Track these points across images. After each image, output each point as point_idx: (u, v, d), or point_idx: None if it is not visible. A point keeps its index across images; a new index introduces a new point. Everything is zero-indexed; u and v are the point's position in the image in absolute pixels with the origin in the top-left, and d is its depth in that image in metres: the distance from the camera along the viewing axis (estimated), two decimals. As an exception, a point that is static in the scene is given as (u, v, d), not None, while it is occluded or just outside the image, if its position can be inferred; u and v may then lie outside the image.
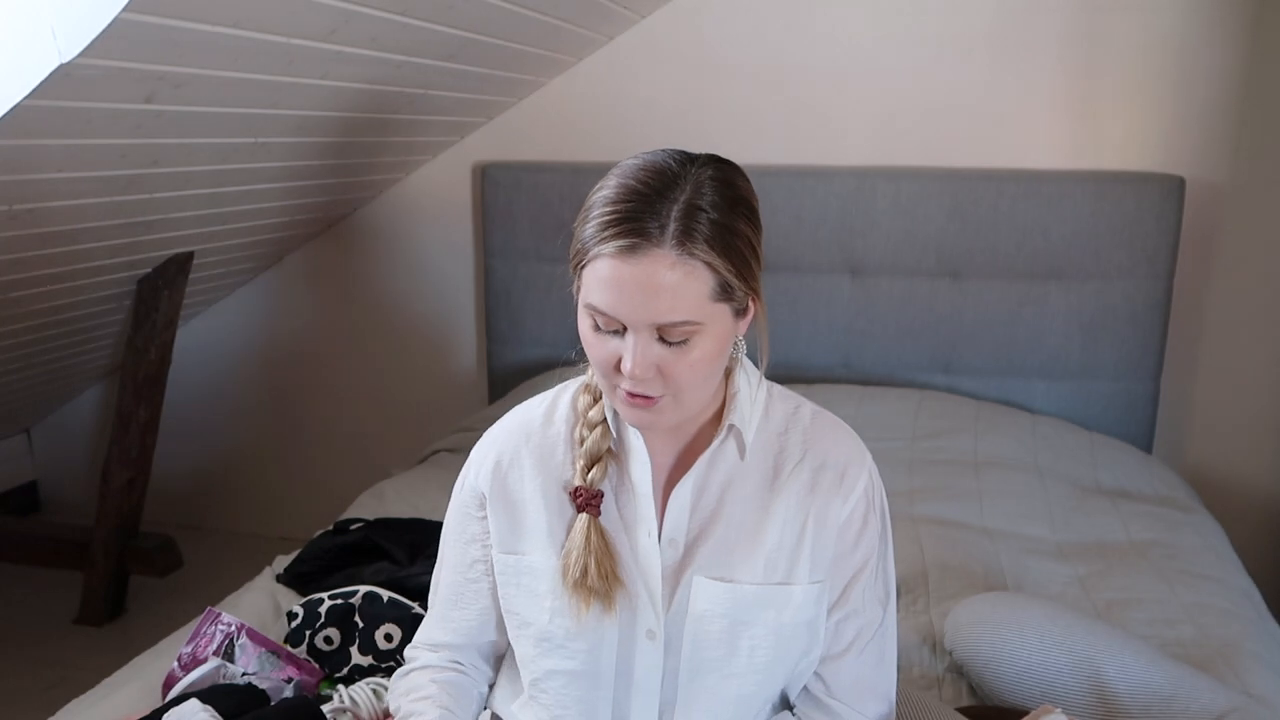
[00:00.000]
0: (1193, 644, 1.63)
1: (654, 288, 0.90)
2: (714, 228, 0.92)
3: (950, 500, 2.11)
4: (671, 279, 0.90)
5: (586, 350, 0.98)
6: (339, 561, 1.89)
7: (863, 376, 2.64)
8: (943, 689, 1.54)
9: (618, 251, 0.91)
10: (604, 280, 0.92)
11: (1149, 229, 2.45)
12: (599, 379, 1.01)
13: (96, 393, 3.36)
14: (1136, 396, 2.55)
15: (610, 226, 0.92)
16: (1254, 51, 2.45)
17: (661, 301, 0.91)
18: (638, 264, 0.90)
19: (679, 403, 0.97)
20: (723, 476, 1.05)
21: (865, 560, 1.06)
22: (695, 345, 0.94)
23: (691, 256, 0.90)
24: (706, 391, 1.01)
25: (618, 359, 0.94)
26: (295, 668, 1.52)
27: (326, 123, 2.33)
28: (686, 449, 1.06)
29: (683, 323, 0.92)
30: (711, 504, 1.04)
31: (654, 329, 0.92)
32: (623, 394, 0.97)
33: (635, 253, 0.90)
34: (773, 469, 1.05)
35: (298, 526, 2.75)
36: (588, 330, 0.97)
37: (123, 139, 1.86)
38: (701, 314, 0.92)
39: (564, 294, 1.02)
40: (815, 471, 1.04)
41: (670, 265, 0.90)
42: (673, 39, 2.72)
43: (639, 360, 0.93)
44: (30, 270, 2.19)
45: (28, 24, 1.44)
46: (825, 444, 1.06)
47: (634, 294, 0.91)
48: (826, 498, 1.04)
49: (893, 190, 2.56)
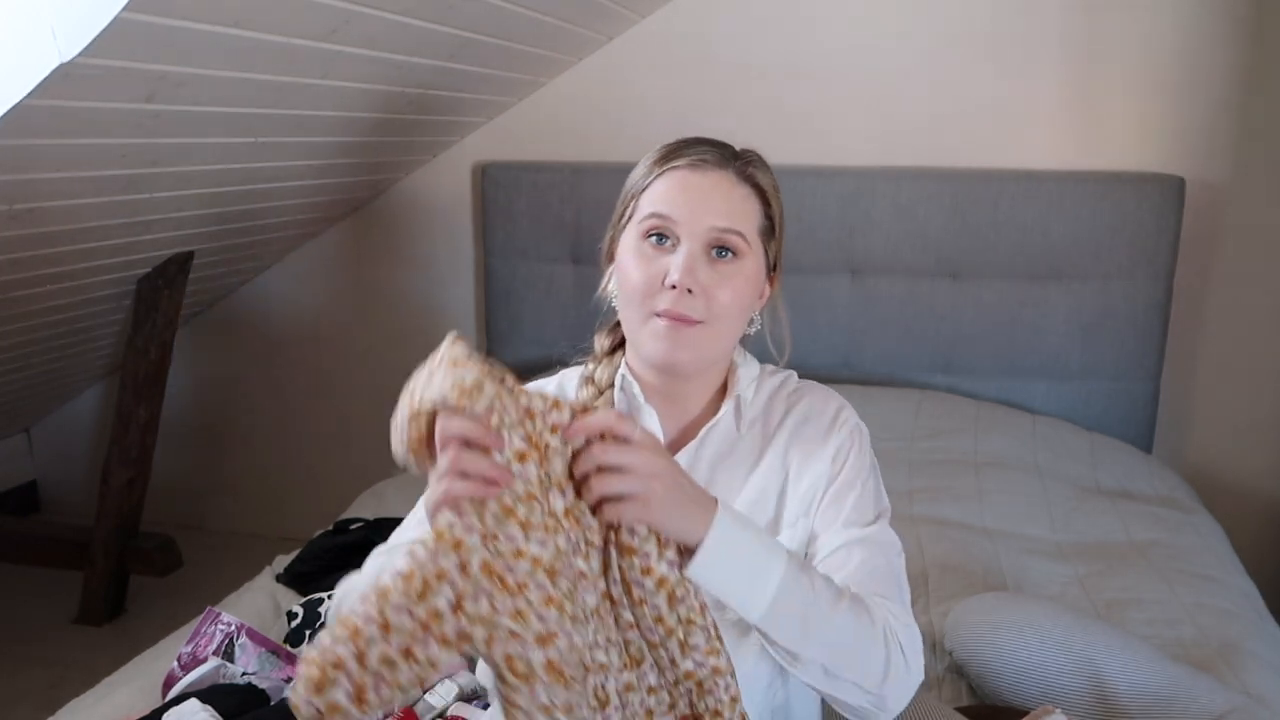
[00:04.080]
0: (1193, 644, 1.63)
1: (719, 194, 1.01)
2: (769, 179, 1.06)
3: (950, 500, 2.11)
4: (734, 194, 1.02)
5: (626, 282, 1.02)
6: (339, 561, 1.89)
7: (863, 376, 2.63)
8: (943, 689, 1.54)
9: (689, 164, 1.02)
10: (670, 188, 1.01)
11: (1149, 229, 2.45)
12: (632, 313, 1.02)
13: (96, 393, 3.36)
14: (1136, 396, 2.55)
15: (682, 149, 1.03)
16: (1254, 51, 2.45)
17: (723, 206, 1.00)
18: (705, 175, 1.01)
19: (710, 337, 1.01)
20: (712, 454, 1.07)
21: (852, 487, 1.05)
22: (737, 270, 1.01)
23: (750, 183, 1.03)
24: (733, 336, 1.05)
25: (663, 275, 0.99)
26: (295, 668, 1.52)
27: (326, 122, 2.33)
28: (683, 430, 1.09)
29: (736, 233, 1.00)
30: (703, 476, 1.05)
31: (708, 240, 1.00)
32: (658, 324, 0.99)
33: (703, 167, 1.02)
34: (760, 433, 1.08)
35: (298, 526, 2.74)
36: (633, 255, 1.02)
37: (123, 139, 1.85)
38: (750, 236, 1.02)
39: (564, 294, 1.04)
40: (800, 423, 1.08)
41: (733, 183, 1.02)
42: (673, 39, 2.72)
43: (688, 268, 0.98)
44: (30, 270, 2.19)
45: (28, 24, 1.44)
46: (811, 399, 1.10)
47: (698, 198, 1.00)
48: (812, 440, 1.07)
49: (893, 190, 2.56)
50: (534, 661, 0.77)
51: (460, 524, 0.77)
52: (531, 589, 0.78)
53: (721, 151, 1.04)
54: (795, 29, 2.65)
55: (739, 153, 1.06)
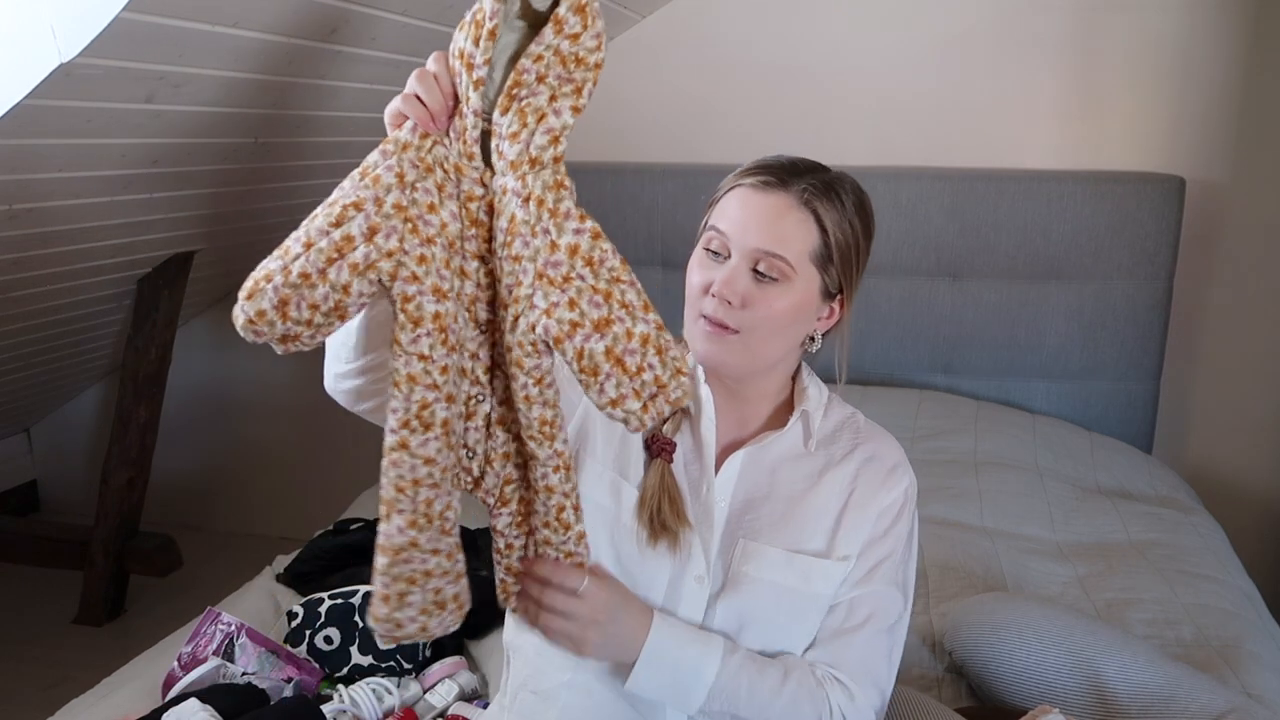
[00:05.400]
0: (1193, 644, 1.63)
1: (770, 219, 1.04)
2: (837, 205, 1.06)
3: (950, 500, 2.11)
4: (787, 219, 1.04)
5: (687, 284, 1.09)
6: (339, 561, 1.89)
7: (863, 376, 2.63)
8: (943, 689, 1.54)
9: (754, 185, 1.06)
10: (732, 205, 1.06)
11: (1149, 229, 2.45)
12: (687, 312, 1.09)
13: (96, 393, 3.36)
14: (1136, 396, 2.55)
15: (757, 170, 1.07)
16: (1254, 51, 2.45)
17: (770, 232, 1.04)
18: (765, 197, 1.05)
19: (747, 347, 1.06)
20: (775, 457, 1.12)
21: (892, 550, 1.10)
22: (779, 292, 1.04)
23: (808, 209, 1.04)
24: (772, 350, 1.08)
25: (711, 284, 1.06)
26: (295, 668, 1.52)
27: (326, 122, 2.33)
28: (750, 433, 1.13)
29: (778, 257, 1.03)
30: (763, 477, 1.11)
31: (752, 259, 1.04)
32: (703, 324, 1.06)
33: (767, 189, 1.05)
34: (824, 457, 1.13)
35: (298, 526, 2.75)
36: (695, 261, 1.09)
37: (123, 139, 1.86)
38: (797, 263, 1.04)
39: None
40: (864, 462, 1.12)
41: (789, 207, 1.04)
42: (673, 39, 2.72)
43: (728, 280, 1.04)
44: (30, 270, 2.20)
45: (28, 24, 1.44)
46: (876, 442, 1.15)
47: (750, 219, 1.04)
48: (871, 484, 1.11)
49: (893, 190, 2.56)
50: (425, 309, 0.83)
51: (396, 149, 0.86)
52: (438, 247, 0.84)
53: (798, 177, 1.06)
54: (795, 29, 2.65)
55: (819, 181, 1.06)
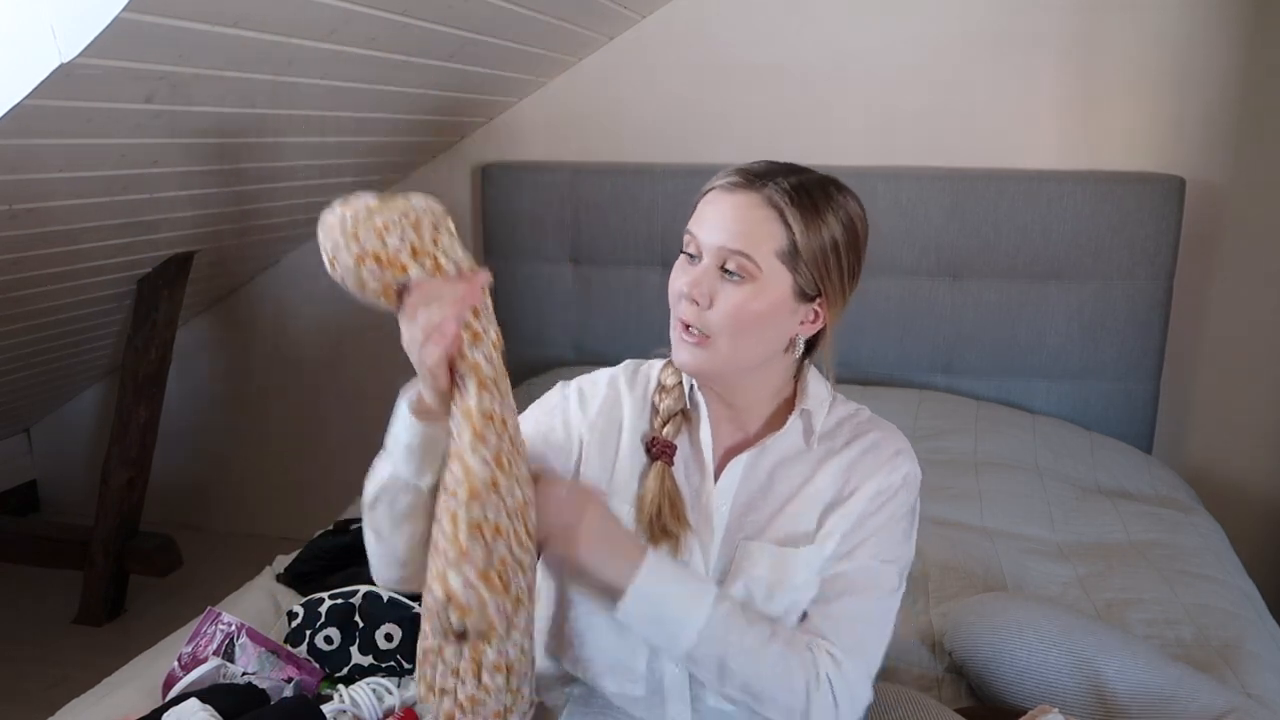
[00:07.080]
0: (1193, 644, 1.63)
1: (734, 217, 1.04)
2: (806, 204, 1.04)
3: (950, 500, 2.11)
4: (750, 217, 1.03)
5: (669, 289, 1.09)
6: (339, 561, 1.89)
7: (862, 376, 2.63)
8: (943, 689, 1.54)
9: (724, 186, 1.06)
10: (703, 207, 1.07)
11: (1149, 229, 2.45)
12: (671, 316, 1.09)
13: (96, 393, 3.36)
14: (1136, 396, 2.55)
15: (731, 173, 1.07)
16: (1254, 51, 2.45)
17: (732, 228, 1.03)
18: (732, 196, 1.05)
19: (720, 351, 1.05)
20: (775, 458, 1.12)
21: (885, 525, 1.08)
22: (746, 291, 1.03)
23: (773, 207, 1.03)
24: (748, 353, 1.07)
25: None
26: (295, 668, 1.52)
27: (327, 122, 2.33)
28: (750, 437, 1.13)
29: (743, 255, 1.02)
30: (763, 479, 1.11)
31: (720, 258, 1.03)
32: (679, 332, 1.07)
33: (734, 189, 1.05)
34: (824, 450, 1.12)
35: (298, 526, 2.74)
36: (675, 266, 1.09)
37: (123, 139, 1.86)
38: (763, 261, 1.03)
39: (564, 294, 1.05)
40: (864, 449, 1.11)
41: (754, 206, 1.03)
42: (673, 39, 2.72)
43: (695, 280, 1.04)
44: (30, 270, 2.20)
45: (28, 24, 1.44)
46: (880, 433, 1.14)
47: (716, 219, 1.05)
48: (869, 468, 1.10)
49: (893, 190, 2.56)
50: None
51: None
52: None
53: (771, 178, 1.04)
54: (795, 29, 2.65)
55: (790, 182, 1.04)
